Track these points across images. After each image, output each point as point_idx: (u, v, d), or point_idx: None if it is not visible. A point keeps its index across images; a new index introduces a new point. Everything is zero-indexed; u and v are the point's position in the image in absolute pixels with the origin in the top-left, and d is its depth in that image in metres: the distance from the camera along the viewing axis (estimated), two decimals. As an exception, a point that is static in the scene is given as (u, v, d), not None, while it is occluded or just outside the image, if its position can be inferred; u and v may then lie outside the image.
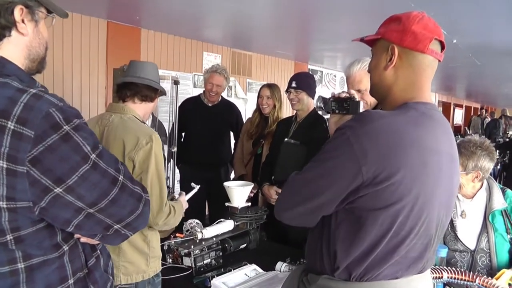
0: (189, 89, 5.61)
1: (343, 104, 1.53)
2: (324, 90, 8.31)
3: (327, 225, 1.24)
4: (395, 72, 1.27)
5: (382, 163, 1.08)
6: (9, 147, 0.97)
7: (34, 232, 1.06)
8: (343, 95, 1.54)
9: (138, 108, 2.04)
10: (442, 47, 1.28)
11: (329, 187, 1.15)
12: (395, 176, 1.08)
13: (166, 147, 3.56)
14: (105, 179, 1.11)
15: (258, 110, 3.80)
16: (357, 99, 1.51)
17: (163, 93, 2.14)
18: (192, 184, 2.44)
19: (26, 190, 0.99)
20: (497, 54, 5.53)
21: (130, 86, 2.03)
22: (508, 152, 5.94)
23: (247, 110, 6.10)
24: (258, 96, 3.76)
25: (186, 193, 2.25)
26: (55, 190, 1.02)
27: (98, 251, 1.30)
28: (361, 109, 1.52)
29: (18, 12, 1.09)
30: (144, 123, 2.07)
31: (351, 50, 6.11)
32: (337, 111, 1.56)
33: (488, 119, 14.63)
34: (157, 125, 3.56)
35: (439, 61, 1.28)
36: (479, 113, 15.59)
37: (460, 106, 18.53)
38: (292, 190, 1.27)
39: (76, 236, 1.18)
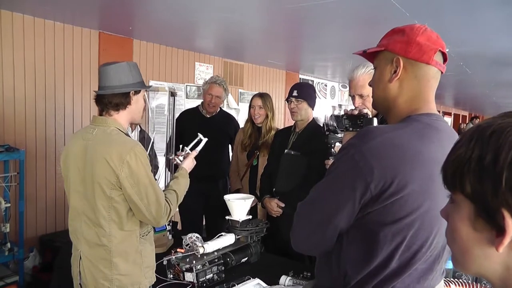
0: (181, 100, 5.56)
1: (356, 121, 1.52)
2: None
3: (337, 243, 1.20)
4: (400, 84, 1.25)
5: (389, 179, 1.06)
6: None
7: None
8: (356, 112, 1.52)
9: (120, 118, 1.96)
10: (445, 59, 1.28)
11: (341, 208, 1.12)
12: (404, 191, 1.06)
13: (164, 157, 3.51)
14: None
15: (250, 120, 3.75)
16: (370, 116, 1.49)
17: (137, 91, 1.98)
18: (199, 135, 2.48)
19: None
20: (488, 62, 5.57)
21: (99, 101, 1.95)
22: None
23: (239, 120, 6.06)
24: (250, 106, 3.71)
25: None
26: None
27: None
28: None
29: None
30: (128, 135, 1.99)
31: (342, 59, 6.12)
32: (350, 129, 1.54)
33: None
34: (141, 137, 3.46)
35: (441, 72, 1.27)
36: (471, 121, 15.48)
37: (449, 114, 18.70)
38: (304, 220, 1.22)
39: None
